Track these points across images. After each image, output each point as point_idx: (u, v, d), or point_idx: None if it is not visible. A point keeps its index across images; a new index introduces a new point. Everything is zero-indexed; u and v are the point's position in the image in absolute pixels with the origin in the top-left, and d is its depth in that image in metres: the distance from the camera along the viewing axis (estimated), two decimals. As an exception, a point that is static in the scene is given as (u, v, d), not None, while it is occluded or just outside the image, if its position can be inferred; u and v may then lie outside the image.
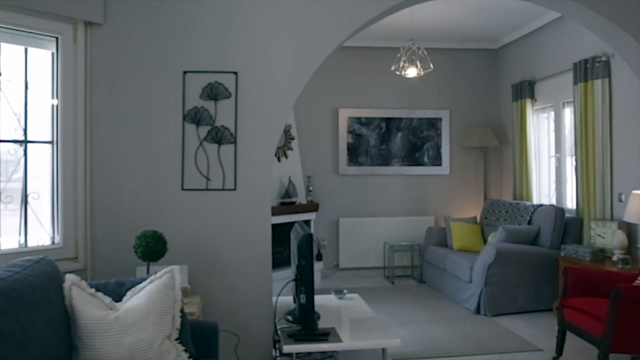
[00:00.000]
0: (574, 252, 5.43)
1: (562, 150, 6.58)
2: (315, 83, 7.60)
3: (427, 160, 7.87)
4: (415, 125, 7.84)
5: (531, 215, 6.32)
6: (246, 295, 3.88)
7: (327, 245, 7.68)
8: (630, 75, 5.11)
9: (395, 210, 7.82)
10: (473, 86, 7.98)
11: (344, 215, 7.70)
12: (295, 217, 7.02)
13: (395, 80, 7.56)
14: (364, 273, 7.73)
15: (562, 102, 6.55)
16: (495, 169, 8.01)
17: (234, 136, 3.81)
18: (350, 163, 7.73)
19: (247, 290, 3.89)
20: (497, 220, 6.89)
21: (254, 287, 3.90)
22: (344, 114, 7.71)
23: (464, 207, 7.92)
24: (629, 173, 5.36)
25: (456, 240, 6.89)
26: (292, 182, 7.02)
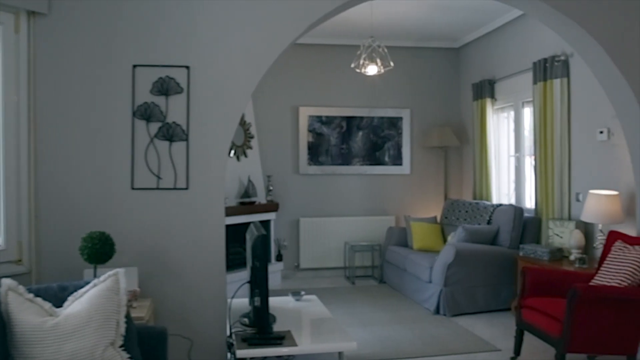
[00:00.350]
0: (532, 252, 5.45)
1: (521, 150, 6.62)
2: (275, 81, 7.49)
3: (388, 160, 7.84)
4: (376, 124, 7.80)
5: (490, 215, 6.34)
6: (200, 297, 3.75)
7: (288, 245, 7.57)
8: (589, 75, 5.14)
9: (356, 210, 7.76)
10: (434, 85, 7.99)
11: (305, 215, 7.61)
12: (255, 217, 6.90)
13: (356, 79, 7.50)
14: (325, 273, 7.65)
15: (521, 102, 6.59)
16: (455, 169, 8.04)
17: (186, 133, 3.67)
18: (311, 162, 7.64)
19: (201, 292, 3.76)
20: (457, 219, 6.89)
21: (208, 289, 3.77)
22: (305, 113, 7.62)
23: (425, 207, 7.92)
24: (586, 173, 5.42)
25: (416, 240, 6.86)
26: (251, 182, 6.89)
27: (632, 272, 3.88)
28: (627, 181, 4.83)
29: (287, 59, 7.49)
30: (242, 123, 7.01)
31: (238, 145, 6.90)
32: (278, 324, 3.66)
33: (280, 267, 7.30)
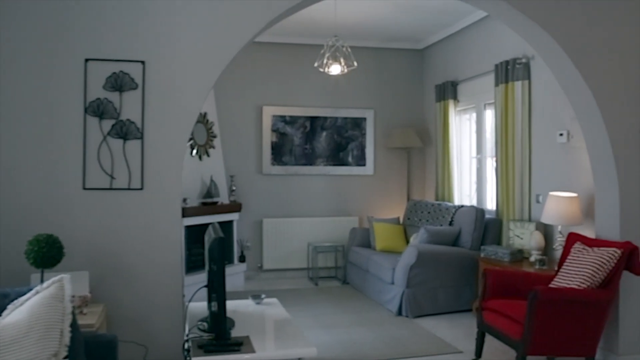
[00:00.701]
0: (493, 253, 5.43)
1: (483, 151, 6.62)
2: (239, 80, 7.34)
3: (352, 160, 7.76)
4: (339, 124, 7.71)
5: (452, 216, 6.31)
6: (155, 302, 3.59)
7: (251, 246, 7.42)
8: (550, 78, 5.16)
9: (320, 211, 7.66)
10: (398, 86, 7.95)
11: (268, 216, 7.48)
12: (218, 217, 6.74)
13: (320, 79, 7.40)
14: (288, 274, 7.53)
15: (483, 104, 6.59)
16: (418, 170, 8.01)
17: (140, 131, 3.51)
18: (274, 162, 7.51)
19: (156, 297, 3.60)
20: (419, 220, 6.85)
21: (164, 293, 3.61)
22: (268, 112, 7.48)
23: (388, 208, 7.87)
24: (546, 175, 5.43)
25: (379, 241, 6.80)
26: (214, 182, 6.72)
27: (591, 274, 3.87)
28: (586, 183, 4.84)
29: (251, 57, 7.36)
30: (205, 122, 6.83)
31: (200, 145, 6.72)
32: (237, 329, 3.52)
33: (243, 268, 7.15)
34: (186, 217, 6.26)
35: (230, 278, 6.91)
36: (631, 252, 3.90)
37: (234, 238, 7.03)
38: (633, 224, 4.18)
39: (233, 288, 6.90)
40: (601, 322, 3.90)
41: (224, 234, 6.75)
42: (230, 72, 7.52)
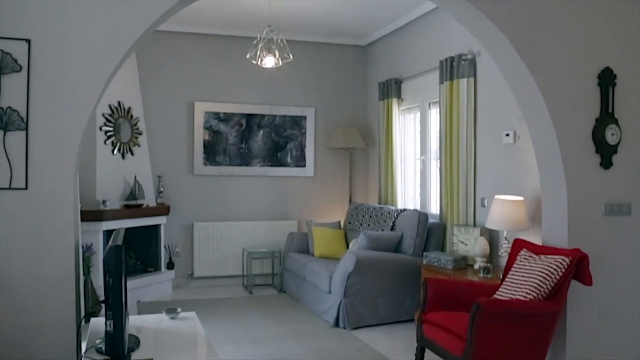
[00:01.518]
0: (436, 260, 5.10)
1: (427, 152, 6.30)
2: (169, 73, 6.83)
3: (291, 161, 7.33)
4: (278, 123, 7.27)
5: (394, 220, 5.95)
6: (41, 321, 3.05)
7: (180, 252, 6.89)
8: (496, 75, 4.86)
9: (256, 214, 7.20)
10: (340, 84, 7.57)
11: (200, 219, 6.96)
12: (142, 221, 6.20)
13: (257, 74, 6.95)
14: (221, 282, 7.03)
15: (428, 102, 6.28)
16: (361, 171, 7.65)
17: (25, 121, 2.97)
18: (207, 162, 6.99)
19: (42, 315, 3.05)
20: (360, 225, 6.48)
21: (52, 310, 3.07)
22: (201, 108, 6.97)
23: (329, 211, 7.47)
24: (492, 177, 5.13)
25: (318, 247, 6.39)
26: (138, 182, 6.16)
27: (538, 284, 3.56)
28: (533, 186, 4.56)
29: (182, 49, 6.85)
30: (129, 117, 6.27)
31: (123, 142, 6.16)
32: (142, 350, 3.03)
33: (171, 276, 6.61)
34: (105, 221, 5.71)
35: (156, 287, 6.38)
36: (580, 260, 3.60)
37: (160, 243, 6.49)
38: (582, 229, 3.89)
39: (160, 297, 6.36)
40: (548, 335, 3.60)
41: (150, 239, 6.19)
42: (158, 65, 7.02)
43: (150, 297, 6.28)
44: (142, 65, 6.67)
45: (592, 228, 3.92)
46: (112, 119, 6.04)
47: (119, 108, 6.15)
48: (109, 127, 5.99)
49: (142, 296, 6.18)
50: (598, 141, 3.94)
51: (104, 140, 5.94)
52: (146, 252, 6.52)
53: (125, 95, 6.26)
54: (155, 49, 6.78)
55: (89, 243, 5.62)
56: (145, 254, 6.51)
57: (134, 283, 6.07)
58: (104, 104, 5.98)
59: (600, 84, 3.96)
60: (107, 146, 5.98)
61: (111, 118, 6.03)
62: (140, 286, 6.16)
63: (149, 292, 6.28)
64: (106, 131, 5.97)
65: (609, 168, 3.97)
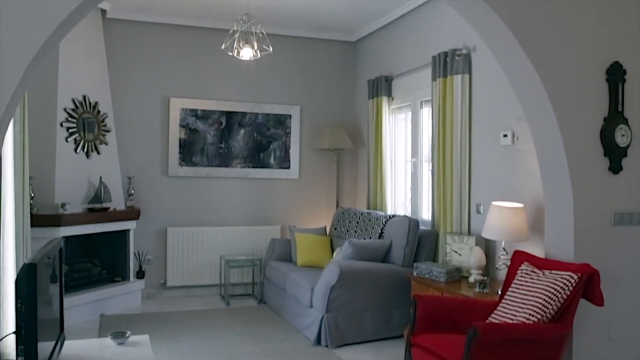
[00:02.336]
0: (428, 272, 4.67)
1: (418, 154, 5.87)
2: (142, 66, 6.38)
3: (274, 162, 6.88)
4: (260, 121, 6.82)
5: (382, 227, 5.52)
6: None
7: (153, 259, 6.42)
8: (493, 71, 4.47)
9: (236, 219, 6.74)
10: (327, 81, 7.13)
11: (174, 224, 6.49)
12: (109, 226, 5.74)
13: (238, 70, 6.51)
14: (197, 292, 6.57)
15: (420, 101, 5.85)
16: (349, 174, 7.21)
17: None
18: (183, 163, 6.53)
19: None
20: (346, 232, 6.04)
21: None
22: (177, 105, 6.51)
23: (315, 216, 7.03)
24: (488, 181, 4.71)
25: (301, 255, 5.95)
26: (103, 184, 5.69)
27: (542, 305, 3.13)
28: (534, 192, 4.14)
29: (157, 41, 6.40)
30: (95, 113, 5.80)
31: (88, 140, 5.69)
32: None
33: (140, 285, 6.13)
34: (64, 227, 5.23)
35: (124, 298, 5.91)
36: (590, 277, 3.19)
37: (129, 250, 6.01)
38: (590, 241, 3.48)
39: (127, 310, 5.88)
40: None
41: (117, 246, 5.66)
42: (131, 57, 6.48)
43: (116, 310, 5.80)
44: (112, 57, 6.21)
45: (600, 239, 3.51)
46: (76, 115, 5.58)
47: (84, 103, 5.68)
48: (71, 124, 5.52)
49: (106, 309, 5.70)
50: (606, 143, 3.54)
51: (65, 137, 5.47)
52: (113, 260, 6.03)
53: (92, 89, 5.79)
54: (128, 40, 6.32)
55: (48, 250, 5.16)
56: (112, 262, 6.03)
57: (98, 294, 5.60)
58: (66, 97, 5.51)
59: (609, 79, 3.57)
60: (69, 144, 5.51)
61: (74, 113, 5.56)
62: (105, 297, 5.68)
63: (115, 304, 5.80)
64: (68, 127, 5.50)
65: (619, 172, 3.57)
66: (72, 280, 5.53)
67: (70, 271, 5.59)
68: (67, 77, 5.52)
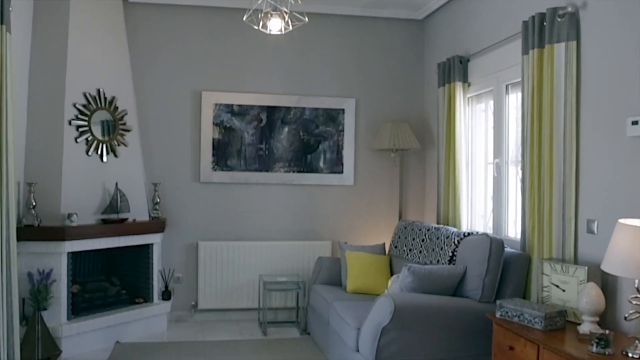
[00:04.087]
0: (517, 313, 3.17)
1: (503, 154, 4.36)
2: (169, 56, 5.25)
3: (324, 166, 5.53)
4: (308, 117, 5.50)
5: (455, 248, 4.04)
6: None
7: (182, 278, 5.26)
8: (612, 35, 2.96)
9: (278, 233, 5.45)
10: (388, 68, 5.71)
11: (206, 238, 5.29)
12: (126, 240, 4.63)
13: (281, 57, 5.28)
14: (233, 316, 5.33)
15: (505, 85, 4.34)
16: (415, 180, 5.75)
17: None
18: (217, 167, 5.32)
19: None
20: (408, 251, 4.60)
21: None
22: (210, 100, 5.30)
23: (373, 231, 5.62)
24: (606, 188, 3.15)
25: (352, 278, 4.58)
26: (120, 191, 4.59)
27: None
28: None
29: (186, 27, 5.25)
30: (113, 109, 4.71)
31: (102, 140, 4.60)
32: None
33: (165, 308, 4.93)
34: (70, 240, 4.16)
35: (145, 323, 4.79)
36: None
37: (152, 268, 4.86)
38: None
39: (148, 337, 4.74)
40: None
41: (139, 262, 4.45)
42: (156, 45, 5.21)
43: (135, 337, 4.67)
44: (134, 46, 5.12)
45: None
46: (88, 111, 4.51)
47: (98, 98, 4.60)
48: (82, 121, 4.46)
49: (123, 335, 4.58)
50: None
51: (74, 137, 4.42)
52: (135, 278, 4.92)
53: (108, 82, 4.72)
54: (152, 26, 5.21)
55: (48, 269, 4.10)
56: (133, 281, 4.92)
57: (113, 318, 4.50)
58: (76, 91, 4.46)
59: None
60: (79, 145, 4.45)
61: (86, 110, 4.49)
62: (122, 322, 4.57)
63: (135, 329, 4.67)
64: (78, 126, 4.44)
65: None
66: (84, 302, 4.47)
67: (82, 291, 4.53)
68: (78, 68, 4.49)
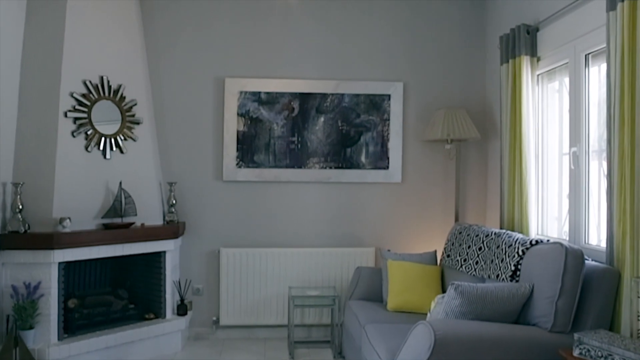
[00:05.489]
0: (603, 354, 2.26)
1: (582, 142, 3.40)
2: (187, 37, 4.63)
3: (366, 161, 4.72)
4: (347, 105, 4.71)
5: (519, 259, 3.12)
6: None
7: (203, 289, 4.61)
8: None
9: (312, 238, 4.69)
10: (442, 45, 4.82)
11: (229, 244, 4.61)
12: (131, 247, 4.03)
13: (315, 36, 4.53)
14: (260, 333, 4.61)
15: (585, 55, 3.38)
16: (475, 176, 4.82)
17: None
18: (242, 163, 4.63)
19: None
20: (462, 262, 3.71)
21: None
22: (234, 87, 4.62)
23: (424, 236, 4.75)
24: None
25: (393, 293, 3.76)
26: (124, 191, 3.99)
27: None
28: None
29: (208, 5, 4.61)
30: (118, 100, 4.13)
31: (107, 135, 4.02)
32: None
33: (180, 325, 4.27)
34: (61, 249, 3.59)
35: (156, 341, 4.17)
36: None
37: (165, 278, 4.23)
38: None
39: (159, 358, 4.10)
40: None
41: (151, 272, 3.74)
42: (170, 25, 4.53)
43: (144, 358, 4.04)
44: (150, 28, 4.55)
45: None
46: (88, 102, 3.95)
47: (101, 86, 4.03)
48: (80, 113, 3.90)
49: (129, 357, 3.96)
50: None
51: (71, 131, 3.85)
52: (145, 290, 4.31)
53: (114, 68, 4.12)
54: (171, 5, 4.60)
55: (35, 282, 3.55)
56: (144, 293, 4.31)
57: (118, 337, 3.88)
58: (74, 79, 3.90)
59: None
60: (76, 140, 3.88)
61: (85, 100, 3.93)
62: (129, 341, 3.94)
63: (144, 349, 4.04)
64: (76, 118, 3.88)
65: None
66: (82, 318, 3.88)
67: (80, 306, 3.94)
68: (77, 53, 3.91)
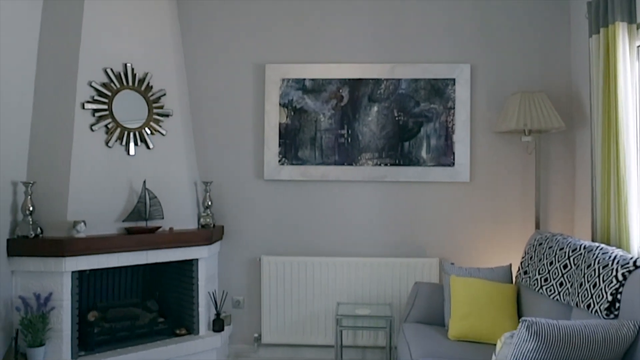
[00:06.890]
0: None
1: (703, 130, 2.57)
2: (225, 21, 4.13)
3: (428, 157, 4.03)
4: (405, 92, 4.04)
5: (618, 285, 2.37)
6: None
7: (243, 302, 4.12)
8: None
9: (365, 246, 4.07)
10: (516, 20, 4.03)
11: (272, 251, 4.09)
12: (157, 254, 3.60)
13: (366, 14, 3.90)
14: (307, 353, 4.05)
15: None
16: (560, 173, 4.01)
17: None
18: (285, 160, 4.09)
19: None
20: (543, 282, 2.97)
21: None
22: (275, 74, 4.08)
23: (498, 247, 4.00)
24: None
25: (456, 318, 3.09)
26: (149, 192, 3.57)
27: None
28: None
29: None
30: (144, 89, 3.70)
31: (129, 128, 3.60)
32: None
33: (216, 342, 3.78)
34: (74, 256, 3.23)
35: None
36: None
37: (197, 290, 3.77)
38: None
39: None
40: None
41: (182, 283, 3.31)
42: (209, 9, 4.05)
43: (177, 378, 3.63)
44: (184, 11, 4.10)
45: None
46: (109, 92, 3.54)
47: (124, 74, 3.62)
48: (100, 104, 3.49)
49: (160, 377, 3.56)
50: None
51: (89, 124, 3.46)
52: (177, 303, 3.87)
53: (140, 55, 3.69)
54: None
55: (46, 293, 3.20)
56: (176, 306, 3.87)
57: (144, 355, 3.46)
58: (94, 67, 3.49)
59: None
60: (95, 134, 3.48)
61: (106, 90, 3.53)
62: (160, 359, 3.53)
63: (177, 369, 3.63)
64: (95, 110, 3.48)
65: None
66: (102, 333, 3.49)
67: (102, 319, 3.56)
68: (97, 37, 3.50)
